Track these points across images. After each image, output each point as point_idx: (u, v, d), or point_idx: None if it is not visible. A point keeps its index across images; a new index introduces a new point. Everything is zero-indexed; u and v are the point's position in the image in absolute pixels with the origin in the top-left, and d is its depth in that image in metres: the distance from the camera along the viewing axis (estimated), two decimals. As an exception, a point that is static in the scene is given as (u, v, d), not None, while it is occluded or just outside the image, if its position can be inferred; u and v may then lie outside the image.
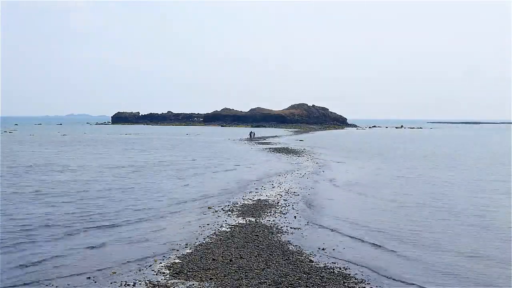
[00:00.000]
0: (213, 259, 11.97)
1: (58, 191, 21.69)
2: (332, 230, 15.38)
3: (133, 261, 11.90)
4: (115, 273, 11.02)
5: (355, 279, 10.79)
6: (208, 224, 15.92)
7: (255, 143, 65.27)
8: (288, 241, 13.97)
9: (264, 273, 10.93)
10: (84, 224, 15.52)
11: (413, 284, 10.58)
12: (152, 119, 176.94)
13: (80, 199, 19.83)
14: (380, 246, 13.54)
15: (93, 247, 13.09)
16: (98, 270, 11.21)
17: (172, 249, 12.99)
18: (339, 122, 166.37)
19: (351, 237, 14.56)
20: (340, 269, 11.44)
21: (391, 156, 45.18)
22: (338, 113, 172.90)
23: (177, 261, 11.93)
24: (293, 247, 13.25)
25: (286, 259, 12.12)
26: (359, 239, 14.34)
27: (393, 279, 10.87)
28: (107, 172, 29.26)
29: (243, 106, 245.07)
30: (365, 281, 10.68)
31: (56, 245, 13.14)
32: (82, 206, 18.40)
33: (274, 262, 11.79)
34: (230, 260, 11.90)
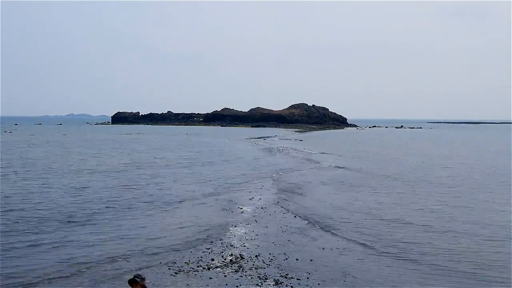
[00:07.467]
0: (213, 259, 11.97)
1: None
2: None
3: (133, 261, 11.90)
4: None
5: (354, 277, 10.82)
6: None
7: (258, 143, 65.33)
8: (289, 240, 14.01)
9: (264, 273, 10.94)
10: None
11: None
12: (152, 119, 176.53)
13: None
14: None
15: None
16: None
17: (173, 248, 13.02)
18: (339, 122, 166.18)
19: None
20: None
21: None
22: (338, 113, 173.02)
23: (177, 260, 11.93)
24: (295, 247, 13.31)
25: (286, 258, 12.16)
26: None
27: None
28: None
29: (243, 106, 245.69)
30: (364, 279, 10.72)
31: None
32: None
33: (275, 262, 11.81)
34: (230, 260, 11.91)
